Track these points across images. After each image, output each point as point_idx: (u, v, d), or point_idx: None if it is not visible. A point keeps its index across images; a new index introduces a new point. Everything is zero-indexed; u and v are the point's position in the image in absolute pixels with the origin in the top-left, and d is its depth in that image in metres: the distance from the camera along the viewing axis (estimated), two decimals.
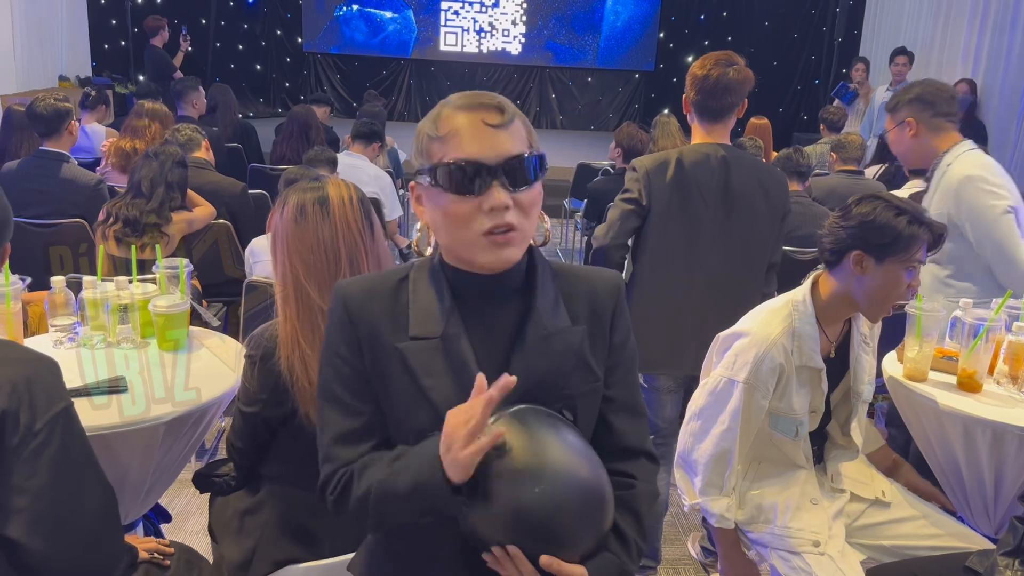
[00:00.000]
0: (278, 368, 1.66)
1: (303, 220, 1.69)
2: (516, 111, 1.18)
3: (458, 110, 1.16)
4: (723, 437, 1.97)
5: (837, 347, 2.05)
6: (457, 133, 1.14)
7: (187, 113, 5.38)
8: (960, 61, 7.75)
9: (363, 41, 12.05)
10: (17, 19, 7.44)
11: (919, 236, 1.85)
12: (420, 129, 1.20)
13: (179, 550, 1.83)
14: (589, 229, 5.31)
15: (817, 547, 1.93)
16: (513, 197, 1.14)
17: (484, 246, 1.15)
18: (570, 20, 12.07)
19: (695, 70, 2.49)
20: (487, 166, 1.13)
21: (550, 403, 1.22)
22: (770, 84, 11.63)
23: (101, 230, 3.20)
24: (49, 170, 3.73)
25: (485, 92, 1.19)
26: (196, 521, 3.01)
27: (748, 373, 1.94)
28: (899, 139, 2.74)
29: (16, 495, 1.24)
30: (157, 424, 1.84)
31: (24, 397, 1.25)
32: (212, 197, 3.78)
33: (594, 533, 1.19)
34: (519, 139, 1.16)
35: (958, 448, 2.11)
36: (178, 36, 7.91)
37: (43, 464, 1.25)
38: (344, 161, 4.51)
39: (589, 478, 1.16)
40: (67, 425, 1.30)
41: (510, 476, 1.11)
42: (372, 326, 1.23)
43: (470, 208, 1.13)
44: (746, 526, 2.06)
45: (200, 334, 2.32)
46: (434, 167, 1.15)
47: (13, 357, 1.31)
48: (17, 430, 1.24)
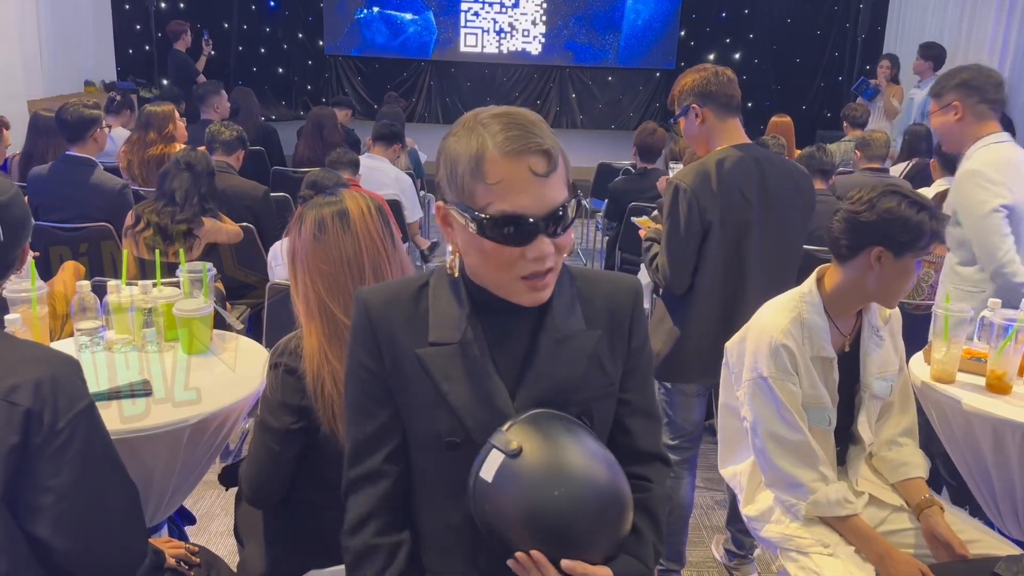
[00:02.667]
0: (304, 380, 1.63)
1: (323, 235, 1.65)
2: (556, 144, 1.14)
3: (507, 156, 1.10)
4: (791, 431, 1.95)
5: (851, 341, 2.03)
6: (507, 184, 1.10)
7: (209, 117, 5.43)
8: (986, 55, 7.64)
9: (384, 43, 12.09)
10: (44, 25, 7.53)
11: (938, 231, 1.87)
12: (458, 155, 1.13)
13: (200, 554, 1.84)
14: (611, 229, 5.29)
15: (827, 548, 1.91)
16: (554, 243, 1.14)
17: (522, 290, 1.17)
18: (590, 19, 12.04)
19: (693, 78, 2.47)
20: (536, 223, 1.11)
21: (566, 407, 1.23)
22: (793, 81, 11.56)
23: (132, 235, 3.24)
24: (77, 175, 3.78)
25: (530, 126, 1.12)
26: (221, 523, 3.03)
27: (770, 366, 1.94)
28: (943, 122, 2.79)
29: (41, 494, 1.26)
30: (182, 427, 1.85)
31: (48, 397, 1.27)
32: (234, 200, 3.81)
33: (614, 536, 1.19)
34: (563, 182, 1.15)
35: (987, 451, 2.07)
36: (200, 40, 7.97)
37: (66, 463, 1.27)
38: (365, 163, 4.53)
39: (609, 482, 1.17)
40: (90, 424, 1.32)
41: (529, 480, 1.12)
42: (392, 332, 1.24)
43: (514, 256, 1.14)
44: (757, 524, 2.06)
45: (224, 337, 2.34)
46: (480, 217, 1.11)
47: (36, 357, 1.33)
48: (41, 429, 1.25)
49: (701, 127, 2.48)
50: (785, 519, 1.99)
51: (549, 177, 1.12)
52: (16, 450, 1.24)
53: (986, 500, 2.20)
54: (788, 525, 1.98)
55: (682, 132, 2.59)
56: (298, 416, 1.65)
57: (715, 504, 3.32)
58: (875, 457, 2.11)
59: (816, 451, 1.95)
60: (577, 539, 1.14)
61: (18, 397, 1.25)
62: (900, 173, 5.07)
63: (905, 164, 5.27)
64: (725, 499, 3.15)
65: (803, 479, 1.94)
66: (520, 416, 1.17)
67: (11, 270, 1.46)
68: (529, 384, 1.22)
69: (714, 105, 2.46)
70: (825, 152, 4.03)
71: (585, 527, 1.14)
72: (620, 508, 1.18)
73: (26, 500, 1.26)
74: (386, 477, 1.27)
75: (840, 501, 1.92)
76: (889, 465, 2.07)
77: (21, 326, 2.01)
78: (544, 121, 1.17)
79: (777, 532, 2.00)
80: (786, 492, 1.98)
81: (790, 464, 1.95)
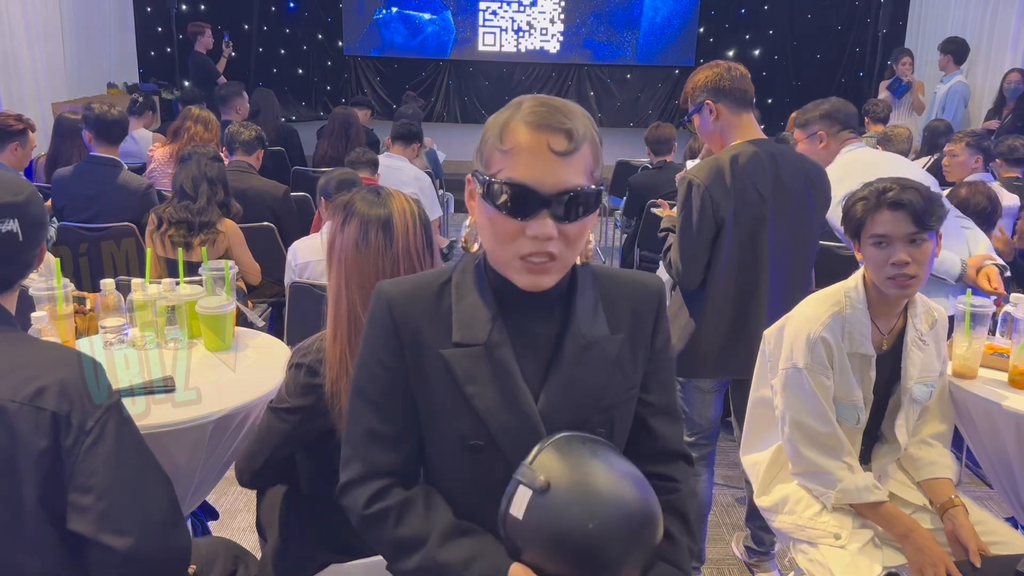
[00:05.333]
0: (323, 382, 1.62)
1: (365, 247, 1.62)
2: (589, 135, 1.14)
3: (528, 126, 1.11)
4: (820, 423, 1.96)
5: (893, 342, 2.02)
6: (519, 151, 1.11)
7: (230, 118, 5.47)
8: (1010, 51, 7.55)
9: (402, 43, 12.13)
10: (67, 28, 7.63)
11: (870, 216, 1.89)
12: (489, 125, 1.17)
13: (227, 547, 1.85)
14: (629, 227, 5.29)
15: (838, 539, 1.92)
16: (560, 228, 1.13)
17: (520, 268, 1.15)
18: (608, 17, 12.02)
19: (706, 74, 2.47)
20: (539, 195, 1.11)
21: (591, 414, 1.22)
22: (814, 77, 11.47)
23: (158, 236, 3.28)
24: (103, 176, 3.84)
25: (562, 108, 1.13)
26: (243, 518, 3.06)
27: (806, 357, 1.95)
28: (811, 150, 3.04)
29: (82, 494, 1.26)
30: (205, 422, 1.87)
31: (74, 398, 1.27)
32: (255, 200, 3.84)
33: (649, 551, 1.18)
34: (582, 169, 1.13)
35: (1011, 447, 2.05)
36: (220, 42, 8.04)
37: (100, 461, 1.27)
38: (384, 163, 4.55)
39: (640, 503, 1.15)
40: (118, 420, 1.32)
41: (562, 515, 1.10)
42: (415, 329, 1.23)
43: (514, 229, 1.13)
44: (770, 515, 2.08)
45: (246, 334, 2.36)
46: (489, 180, 1.13)
47: (59, 358, 1.33)
48: (70, 431, 1.26)
49: (715, 123, 2.47)
50: (797, 510, 2.01)
51: (566, 158, 1.11)
52: (47, 453, 1.25)
53: (1009, 496, 2.18)
54: (800, 516, 2.00)
55: (697, 129, 2.58)
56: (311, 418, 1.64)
57: (735, 501, 3.31)
58: (903, 455, 2.09)
59: (843, 443, 1.96)
60: (614, 564, 1.12)
61: (44, 401, 1.26)
62: (922, 167, 5.02)
63: (927, 159, 5.23)
64: (744, 496, 3.14)
65: (829, 468, 1.95)
66: (545, 444, 1.15)
67: (30, 270, 1.46)
68: (554, 390, 1.21)
69: (728, 101, 2.45)
70: None
71: (621, 552, 1.12)
72: (653, 526, 1.17)
73: (70, 502, 1.27)
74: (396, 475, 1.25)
75: (868, 487, 1.92)
76: (917, 463, 2.06)
77: (47, 323, 2.04)
78: (587, 115, 1.16)
79: (788, 523, 2.02)
80: (813, 482, 1.99)
81: (817, 454, 1.96)
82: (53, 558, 1.29)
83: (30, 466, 1.25)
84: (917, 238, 1.85)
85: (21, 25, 6.90)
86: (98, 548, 1.27)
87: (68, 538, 1.28)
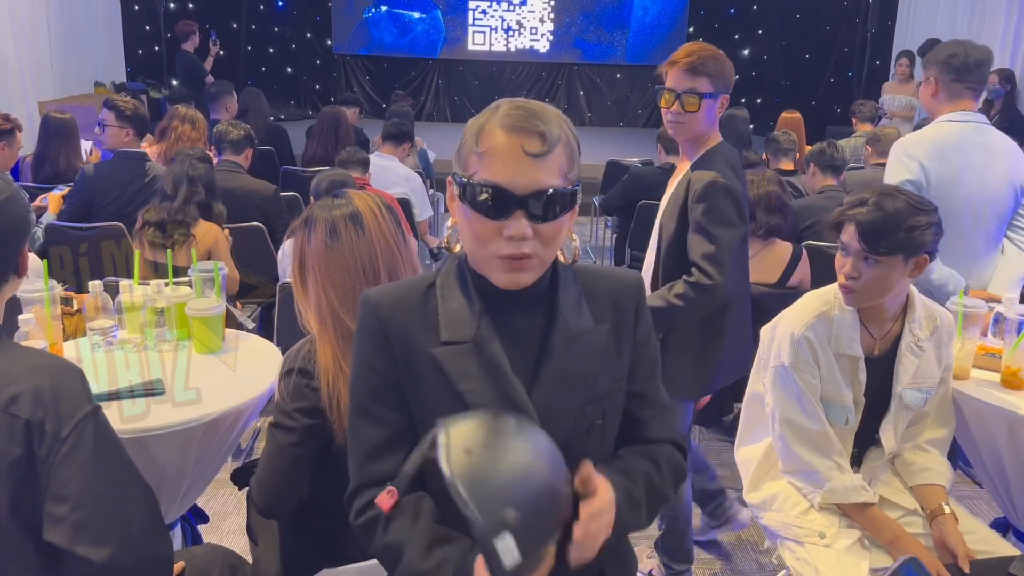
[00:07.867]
0: (317, 388, 1.60)
1: (336, 241, 1.60)
2: (563, 137, 1.15)
3: (503, 129, 1.14)
4: (810, 420, 1.96)
5: (887, 346, 2.01)
6: (493, 153, 1.13)
7: (220, 117, 5.45)
8: (997, 51, 7.59)
9: (392, 42, 12.10)
10: (53, 26, 7.56)
11: (845, 220, 1.89)
12: (467, 129, 1.19)
13: (224, 555, 1.81)
14: (617, 222, 5.20)
15: (823, 539, 1.92)
16: (535, 228, 1.14)
17: (498, 267, 1.17)
18: (598, 16, 12.02)
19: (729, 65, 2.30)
20: (513, 196, 1.12)
21: (584, 405, 1.23)
22: (803, 77, 11.51)
23: (139, 237, 3.25)
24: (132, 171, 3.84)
25: (537, 112, 1.15)
26: (233, 521, 3.04)
27: (791, 355, 1.96)
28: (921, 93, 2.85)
29: (56, 504, 1.23)
30: (194, 426, 1.85)
31: (49, 405, 1.24)
32: (244, 199, 3.82)
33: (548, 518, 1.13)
34: (555, 170, 1.15)
35: (1003, 447, 2.06)
36: (208, 40, 7.99)
37: (76, 470, 1.24)
38: (375, 162, 4.53)
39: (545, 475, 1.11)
40: (96, 429, 1.28)
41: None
42: (403, 333, 1.23)
43: (491, 229, 1.15)
44: (759, 512, 2.09)
45: (235, 336, 2.35)
46: (465, 182, 1.15)
47: (37, 365, 1.29)
48: (44, 438, 1.23)
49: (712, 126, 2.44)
50: (785, 507, 2.02)
51: (540, 159, 1.13)
52: (20, 462, 1.22)
53: (1002, 497, 2.18)
54: (787, 514, 2.01)
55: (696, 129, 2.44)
56: (313, 417, 1.62)
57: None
58: (898, 458, 2.08)
59: (833, 441, 1.97)
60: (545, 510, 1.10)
61: (18, 408, 1.23)
62: None
63: None
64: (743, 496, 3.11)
65: (819, 467, 1.95)
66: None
67: (7, 273, 1.38)
68: (547, 382, 1.22)
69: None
70: (836, 148, 4.03)
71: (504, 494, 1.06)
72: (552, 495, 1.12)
73: (45, 512, 1.23)
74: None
75: (857, 488, 1.92)
76: (911, 468, 2.04)
77: (34, 326, 2.01)
78: (563, 117, 1.18)
79: (776, 520, 2.04)
80: (802, 480, 2.00)
81: (807, 452, 1.97)
82: (31, 570, 1.26)
83: (2, 475, 1.21)
84: (869, 257, 1.85)
85: (7, 23, 6.84)
86: (74, 559, 1.23)
87: (45, 549, 1.24)
